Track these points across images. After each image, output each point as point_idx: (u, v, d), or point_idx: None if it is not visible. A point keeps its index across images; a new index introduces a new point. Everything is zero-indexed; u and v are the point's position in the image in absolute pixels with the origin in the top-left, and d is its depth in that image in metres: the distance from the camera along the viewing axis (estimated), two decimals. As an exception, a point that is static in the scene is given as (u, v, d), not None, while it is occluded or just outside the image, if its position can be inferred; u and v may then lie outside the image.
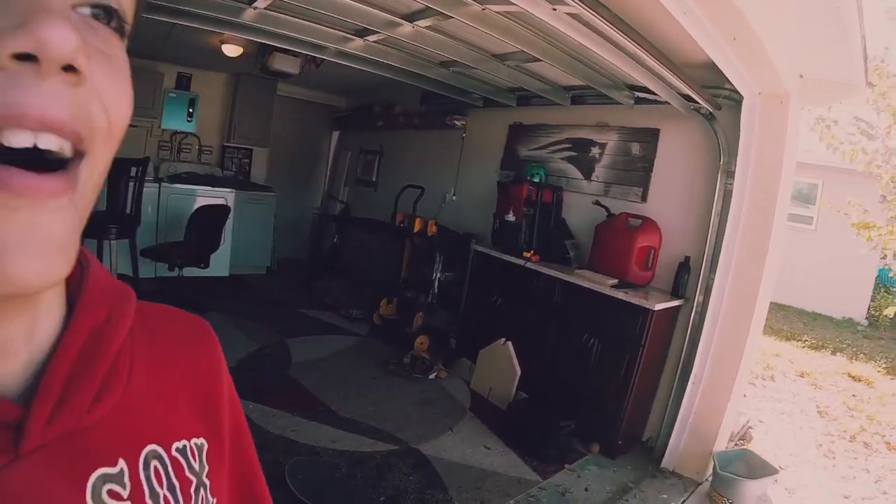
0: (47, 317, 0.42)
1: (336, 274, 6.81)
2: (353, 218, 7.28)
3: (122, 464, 0.43)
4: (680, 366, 3.80)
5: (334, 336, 5.32)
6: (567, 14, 2.53)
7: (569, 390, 3.96)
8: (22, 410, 0.37)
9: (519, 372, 4.15)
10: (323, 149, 8.69)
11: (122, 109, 0.37)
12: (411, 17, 3.27)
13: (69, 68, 0.32)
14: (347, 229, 7.07)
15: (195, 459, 0.50)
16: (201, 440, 0.52)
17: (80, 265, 0.47)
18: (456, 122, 5.80)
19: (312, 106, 8.23)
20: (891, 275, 10.77)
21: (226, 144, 7.15)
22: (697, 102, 3.62)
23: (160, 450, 0.47)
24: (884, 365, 7.97)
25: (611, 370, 3.75)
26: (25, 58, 0.30)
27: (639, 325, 3.62)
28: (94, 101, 0.35)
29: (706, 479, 3.64)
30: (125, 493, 0.42)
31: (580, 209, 4.57)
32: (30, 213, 0.32)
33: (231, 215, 5.82)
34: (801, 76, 3.49)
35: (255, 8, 3.25)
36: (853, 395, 6.48)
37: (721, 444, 3.76)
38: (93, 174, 0.37)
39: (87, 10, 0.36)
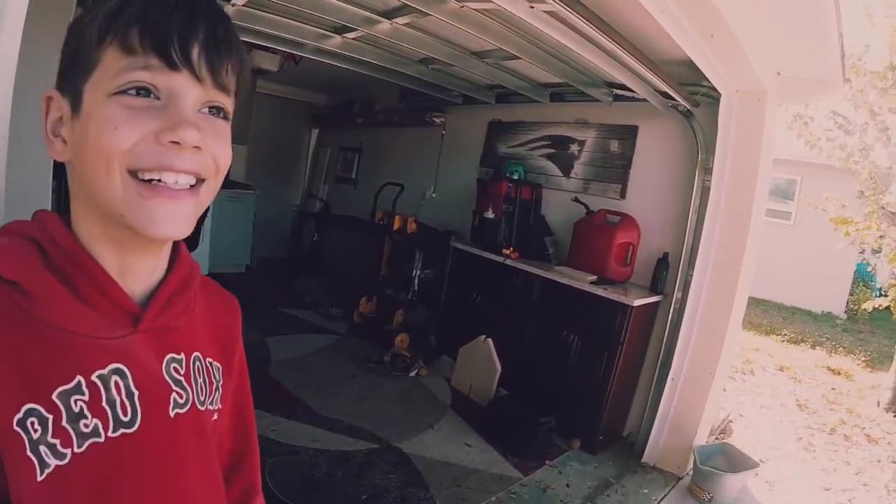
0: (163, 262, 0.73)
1: (316, 272, 6.81)
2: (333, 216, 7.27)
3: (182, 355, 0.73)
4: (659, 361, 3.87)
5: (314, 335, 5.32)
6: (545, 12, 2.56)
7: (549, 386, 4.01)
8: (140, 309, 0.68)
9: (499, 369, 4.19)
10: (302, 146, 8.67)
11: (224, 159, 0.67)
12: (389, 14, 3.28)
13: (195, 147, 0.62)
14: (327, 227, 7.06)
15: (217, 373, 0.80)
16: (219, 365, 0.81)
17: (177, 243, 0.77)
18: (435, 119, 5.82)
19: (292, 103, 8.20)
20: (869, 269, 11.02)
21: (205, 142, 7.09)
22: (675, 100, 3.68)
23: (202, 357, 0.76)
24: (863, 358, 8.14)
25: (591, 366, 3.80)
26: (174, 142, 0.60)
27: (618, 321, 3.68)
28: (208, 157, 0.64)
29: (687, 474, 3.71)
30: (182, 371, 0.72)
31: (559, 206, 4.63)
32: (171, 204, 0.62)
33: (210, 214, 5.80)
34: (779, 73, 3.55)
35: (234, 5, 3.23)
36: (833, 389, 6.61)
37: (701, 439, 3.82)
38: (209, 189, 0.67)
39: (206, 110, 0.65)
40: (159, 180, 0.61)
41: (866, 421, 5.66)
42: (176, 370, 0.70)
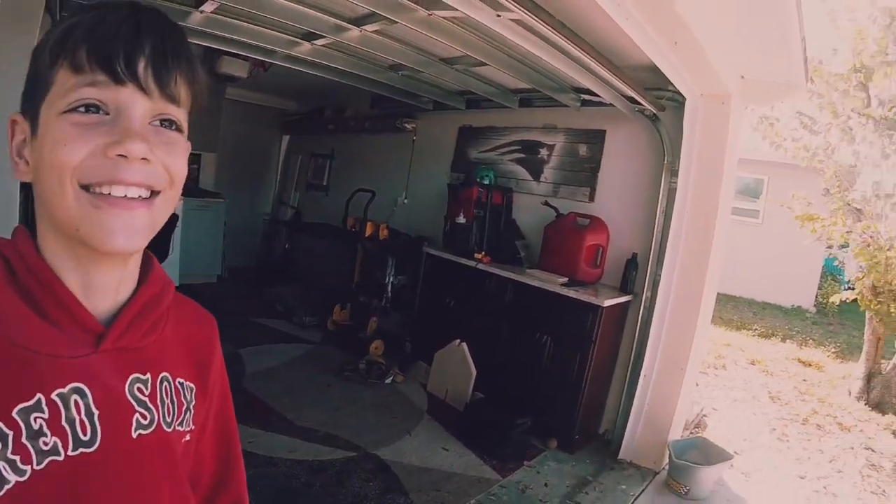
0: (130, 279, 0.73)
1: (288, 280, 6.80)
2: (305, 223, 7.26)
3: (148, 375, 0.71)
4: (631, 359, 3.97)
5: (288, 344, 5.32)
6: (511, 20, 2.63)
7: (524, 388, 4.09)
8: (104, 328, 0.67)
9: (475, 372, 4.25)
10: (273, 153, 8.65)
11: (177, 170, 0.68)
12: (359, 21, 3.33)
13: (143, 159, 0.63)
14: (298, 235, 7.06)
15: (188, 393, 0.78)
16: (192, 385, 0.80)
17: (150, 260, 0.78)
18: (406, 125, 5.88)
19: (262, 110, 8.17)
20: (836, 263, 11.31)
21: (173, 150, 7.03)
22: (641, 104, 3.80)
23: (170, 377, 0.75)
24: (833, 350, 8.35)
25: (564, 366, 3.89)
26: (122, 155, 0.61)
27: (589, 322, 3.77)
28: (159, 169, 0.65)
29: (663, 468, 3.81)
30: (147, 392, 0.70)
31: (530, 210, 4.71)
32: (123, 216, 0.62)
33: (179, 223, 5.77)
34: (743, 77, 3.69)
35: (202, 12, 3.25)
36: (804, 380, 6.79)
37: (675, 434, 3.93)
38: (164, 200, 0.68)
39: (157, 123, 0.66)
40: (110, 193, 0.62)
41: (838, 410, 5.82)
42: (140, 390, 0.70)
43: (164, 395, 0.73)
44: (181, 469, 0.77)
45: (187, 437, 0.78)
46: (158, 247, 0.72)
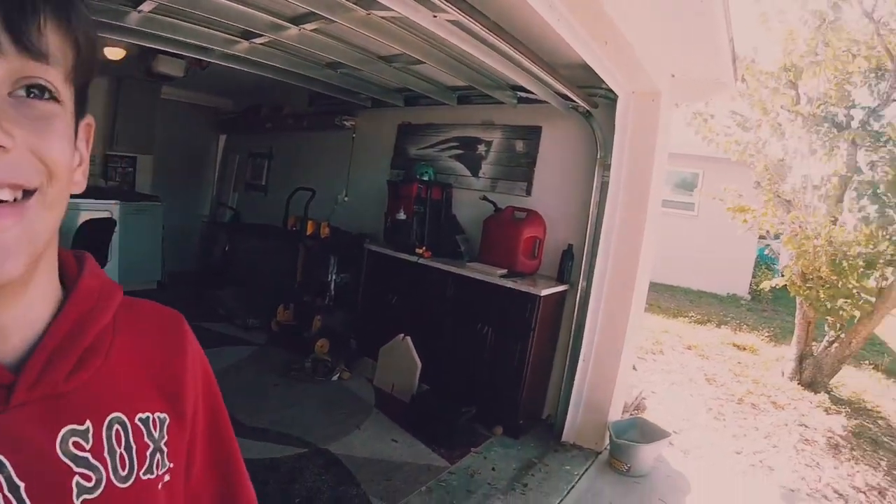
0: (42, 303, 0.58)
1: (229, 283, 6.76)
2: (244, 224, 7.20)
3: (88, 423, 0.56)
4: (570, 345, 4.19)
5: (233, 347, 5.33)
6: (447, 21, 2.76)
7: (468, 377, 4.26)
8: (13, 376, 0.52)
9: (420, 364, 4.38)
10: (210, 153, 8.54)
11: (56, 155, 0.51)
12: (297, 20, 3.40)
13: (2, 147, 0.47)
14: (238, 236, 7.00)
15: (156, 429, 0.63)
16: (164, 415, 0.65)
17: (80, 266, 0.64)
18: (345, 122, 5.95)
19: (198, 109, 8.08)
20: (766, 252, 11.95)
21: (108, 153, 6.91)
22: (575, 101, 4.00)
23: (124, 417, 0.60)
24: (766, 334, 8.82)
25: (506, 355, 4.08)
26: None
27: (528, 311, 3.97)
28: (25, 157, 0.49)
29: (605, 448, 4.04)
30: (87, 446, 0.56)
31: (469, 205, 4.88)
32: None
33: (117, 228, 5.69)
34: (673, 76, 3.94)
35: (140, 11, 3.27)
36: (739, 363, 7.17)
37: (615, 415, 4.17)
38: (45, 202, 0.52)
39: (22, 92, 0.49)
40: None
41: (772, 390, 6.18)
42: (78, 445, 0.55)
43: (116, 444, 0.59)
44: None
45: (166, 479, 0.64)
46: (96, 254, 0.63)
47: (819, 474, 4.34)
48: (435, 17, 2.69)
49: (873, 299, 5.90)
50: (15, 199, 0.49)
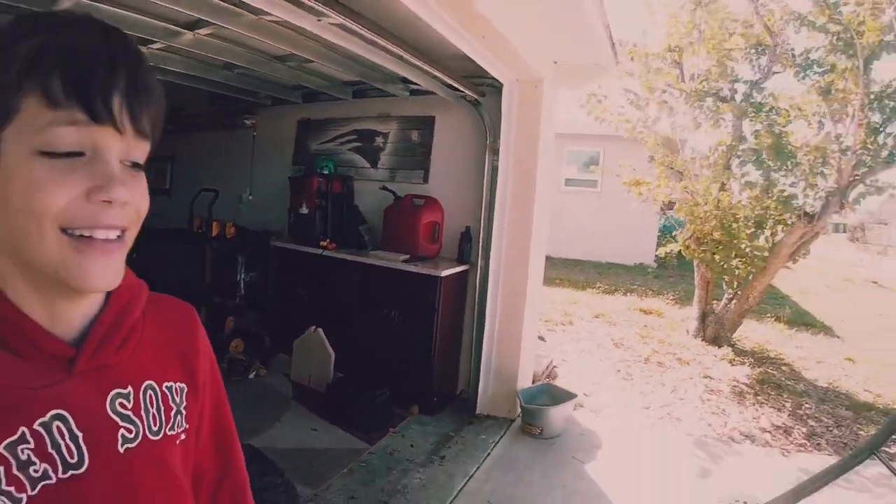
0: (97, 299, 0.74)
1: (136, 290, 6.62)
2: (150, 229, 6.78)
3: (129, 388, 0.74)
4: (475, 322, 4.46)
5: (144, 355, 5.29)
6: (332, 24, 2.92)
7: (381, 361, 4.46)
8: (75, 350, 0.68)
9: (332, 354, 4.48)
10: (108, 160, 8.27)
11: (145, 208, 0.70)
12: (192, 25, 3.46)
13: (124, 203, 0.65)
14: (143, 242, 6.78)
15: (178, 396, 0.81)
16: (183, 385, 0.83)
17: None
18: (246, 121, 6.00)
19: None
20: (662, 221, 12.72)
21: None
22: (463, 91, 4.23)
23: (155, 384, 0.78)
24: (671, 297, 9.46)
25: (414, 336, 4.31)
26: (106, 201, 0.63)
27: (431, 292, 4.21)
28: (132, 209, 0.67)
29: (517, 416, 4.32)
30: (129, 406, 0.73)
31: (370, 195, 5.04)
32: (104, 259, 0.65)
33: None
34: (556, 62, 4.25)
35: None
36: (645, 326, 7.67)
37: (525, 383, 4.48)
38: (131, 236, 0.70)
39: (128, 163, 0.67)
40: (91, 236, 0.63)
41: (678, 348, 6.66)
42: (122, 405, 0.72)
43: (150, 405, 0.75)
44: (178, 473, 0.80)
45: (182, 437, 0.81)
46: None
47: (725, 420, 4.72)
48: (319, 20, 2.83)
49: (767, 255, 6.44)
50: (118, 237, 0.67)
